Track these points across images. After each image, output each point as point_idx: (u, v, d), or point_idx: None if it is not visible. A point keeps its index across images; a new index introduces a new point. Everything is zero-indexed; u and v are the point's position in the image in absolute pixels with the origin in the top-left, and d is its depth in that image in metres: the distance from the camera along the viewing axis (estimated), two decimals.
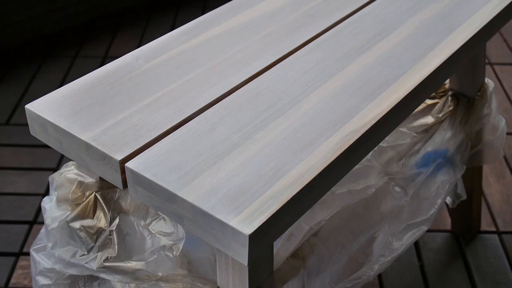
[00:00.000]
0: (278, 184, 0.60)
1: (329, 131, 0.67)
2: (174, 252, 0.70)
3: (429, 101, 1.03)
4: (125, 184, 0.64)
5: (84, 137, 0.66)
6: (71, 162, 0.76)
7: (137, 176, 0.62)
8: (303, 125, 0.68)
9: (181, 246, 0.70)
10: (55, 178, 0.76)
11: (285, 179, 0.61)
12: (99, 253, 0.72)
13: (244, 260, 0.57)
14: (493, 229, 1.46)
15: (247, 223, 0.56)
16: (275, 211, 0.57)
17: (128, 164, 0.63)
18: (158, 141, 0.66)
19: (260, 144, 0.65)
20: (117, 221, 0.72)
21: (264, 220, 0.56)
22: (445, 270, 1.36)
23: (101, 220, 0.72)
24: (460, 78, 1.06)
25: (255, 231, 0.55)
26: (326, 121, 0.68)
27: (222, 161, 0.63)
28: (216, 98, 0.73)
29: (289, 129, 0.67)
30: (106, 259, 0.72)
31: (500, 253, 1.39)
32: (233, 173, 0.61)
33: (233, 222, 0.56)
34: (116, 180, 0.65)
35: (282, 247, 0.72)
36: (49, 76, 2.05)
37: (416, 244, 1.41)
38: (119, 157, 0.63)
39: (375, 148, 0.85)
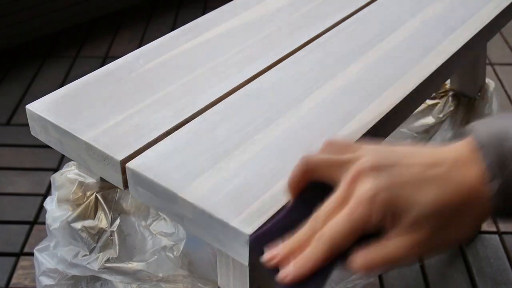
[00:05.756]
0: (279, 185, 0.60)
1: (330, 132, 0.67)
2: (175, 253, 0.70)
3: (429, 102, 1.03)
4: (126, 185, 0.64)
5: (85, 137, 0.66)
6: (72, 162, 0.76)
7: (138, 176, 0.62)
8: (304, 126, 0.68)
9: (181, 246, 0.70)
10: (56, 179, 0.76)
11: (286, 180, 0.60)
12: (101, 253, 0.72)
13: (245, 261, 0.57)
14: (494, 229, 1.46)
15: (247, 223, 0.56)
16: (276, 211, 0.57)
17: (129, 165, 0.63)
18: (159, 141, 0.66)
19: (260, 145, 0.65)
20: (118, 221, 0.72)
21: (265, 221, 0.56)
22: (445, 270, 1.36)
23: (102, 220, 0.72)
24: (461, 78, 1.06)
25: (256, 231, 0.55)
26: (326, 122, 0.68)
27: (222, 161, 0.63)
28: (217, 99, 0.73)
29: (290, 129, 0.67)
30: (108, 260, 0.72)
31: (501, 254, 1.39)
32: (233, 174, 0.61)
33: (234, 222, 0.56)
34: (116, 180, 0.65)
35: None
36: (49, 76, 2.05)
37: None
38: (120, 157, 0.63)
39: None
